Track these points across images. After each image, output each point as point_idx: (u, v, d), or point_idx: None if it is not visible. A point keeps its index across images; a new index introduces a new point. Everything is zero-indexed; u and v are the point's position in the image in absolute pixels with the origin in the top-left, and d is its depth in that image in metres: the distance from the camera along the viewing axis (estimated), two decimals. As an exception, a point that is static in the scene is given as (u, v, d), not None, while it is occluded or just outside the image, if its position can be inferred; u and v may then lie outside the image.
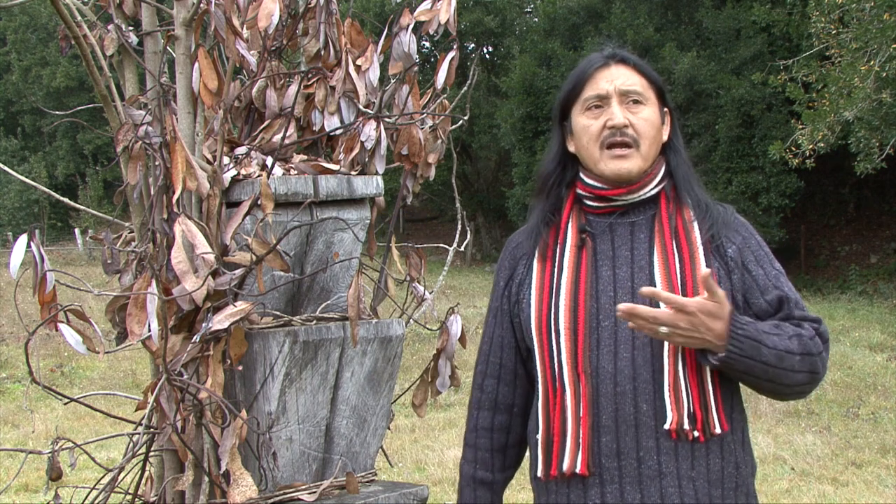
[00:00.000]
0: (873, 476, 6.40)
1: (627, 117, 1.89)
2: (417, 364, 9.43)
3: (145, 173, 2.16)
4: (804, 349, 1.79)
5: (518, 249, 2.04)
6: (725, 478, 1.83)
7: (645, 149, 1.89)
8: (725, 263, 1.87)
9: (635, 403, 1.80)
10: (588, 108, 1.92)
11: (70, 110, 2.66)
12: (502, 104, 23.07)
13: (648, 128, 1.90)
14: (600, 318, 1.85)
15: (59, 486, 2.15)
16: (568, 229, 1.94)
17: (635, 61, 1.95)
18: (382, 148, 2.28)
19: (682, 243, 1.86)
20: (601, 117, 1.90)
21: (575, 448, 1.83)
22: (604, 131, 1.89)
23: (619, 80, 1.91)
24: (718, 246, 1.88)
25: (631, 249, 1.89)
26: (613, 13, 21.26)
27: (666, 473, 1.80)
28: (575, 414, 1.83)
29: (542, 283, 1.92)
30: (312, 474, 2.17)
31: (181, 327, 2.06)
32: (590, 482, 1.83)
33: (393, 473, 6.38)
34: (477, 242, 26.86)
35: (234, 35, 2.09)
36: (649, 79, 1.94)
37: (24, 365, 8.86)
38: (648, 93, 1.93)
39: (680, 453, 1.80)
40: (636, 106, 1.90)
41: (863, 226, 21.84)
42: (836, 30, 14.69)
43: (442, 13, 2.39)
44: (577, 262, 1.90)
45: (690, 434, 1.79)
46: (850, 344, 11.52)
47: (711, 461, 1.82)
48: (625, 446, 1.81)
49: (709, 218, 1.90)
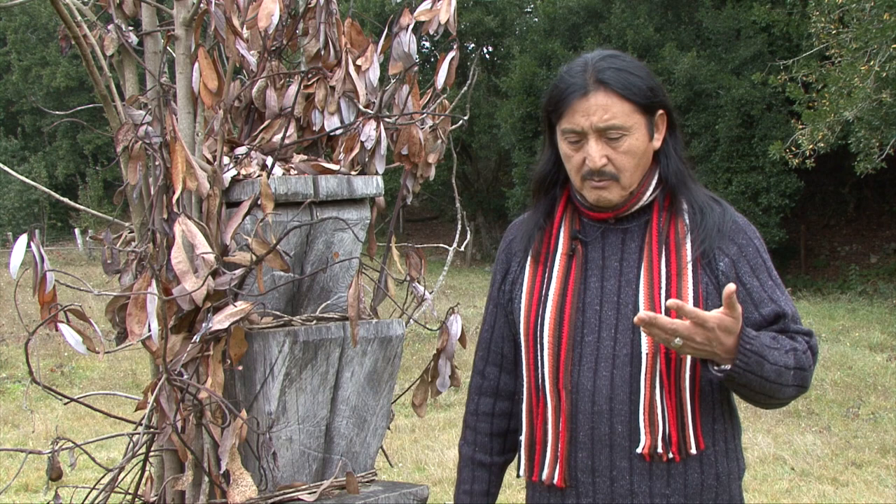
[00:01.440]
0: (873, 476, 6.40)
1: (606, 155, 1.81)
2: (417, 364, 9.43)
3: (145, 173, 2.16)
4: (798, 364, 1.79)
5: (514, 244, 2.03)
6: (705, 490, 1.83)
7: (626, 179, 1.84)
8: (716, 278, 1.83)
9: (611, 423, 1.81)
10: (567, 140, 1.85)
11: (70, 110, 2.66)
12: (502, 104, 23.07)
13: (629, 160, 1.82)
14: (585, 333, 1.85)
15: (59, 486, 2.15)
16: (560, 234, 1.93)
17: (617, 85, 1.80)
18: (382, 148, 2.28)
19: (672, 259, 1.83)
20: (580, 152, 1.83)
21: (553, 461, 1.87)
22: (583, 167, 1.83)
23: (595, 116, 1.79)
24: (711, 259, 1.83)
25: (620, 260, 1.87)
26: (613, 13, 21.26)
27: (638, 493, 1.81)
28: (554, 427, 1.86)
29: (532, 289, 1.93)
30: (312, 474, 2.17)
31: (181, 327, 2.06)
32: (567, 493, 1.87)
33: (393, 473, 6.38)
34: (477, 242, 26.87)
35: (234, 35, 2.09)
36: (633, 101, 1.81)
37: (24, 365, 8.86)
38: (631, 119, 1.81)
39: (654, 473, 1.81)
40: (616, 141, 1.81)
41: (863, 226, 21.84)
42: (836, 30, 14.69)
43: (442, 13, 2.39)
44: (566, 271, 1.89)
45: (665, 456, 1.80)
46: (850, 344, 11.52)
47: (689, 477, 1.82)
48: (599, 464, 1.83)
49: (703, 229, 1.84)
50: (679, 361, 1.80)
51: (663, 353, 1.79)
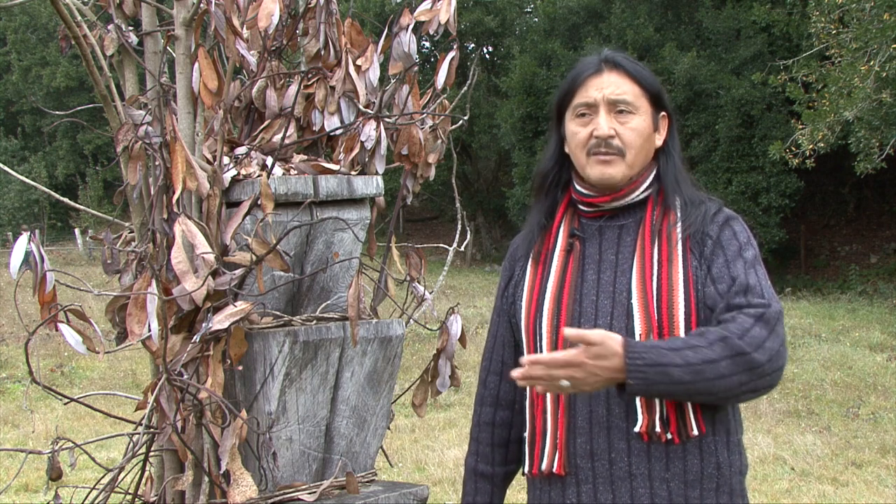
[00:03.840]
0: (873, 476, 6.40)
1: (614, 127, 1.89)
2: (417, 364, 9.43)
3: (145, 173, 2.16)
4: (732, 351, 1.72)
5: (517, 251, 2.07)
6: (705, 478, 1.83)
7: (630, 158, 1.90)
8: (704, 259, 1.86)
9: (608, 406, 1.83)
10: (578, 114, 1.93)
11: (70, 110, 2.66)
12: (502, 104, 23.06)
13: (635, 137, 1.90)
14: (582, 322, 1.88)
15: (59, 486, 2.15)
16: (559, 233, 1.98)
17: (629, 67, 1.93)
18: (382, 148, 2.28)
19: (663, 246, 1.87)
20: (588, 125, 1.91)
21: (553, 449, 1.89)
22: (590, 140, 1.90)
23: (608, 89, 1.90)
24: (698, 243, 1.87)
25: (616, 253, 1.91)
26: (613, 13, 21.26)
27: (636, 475, 1.82)
28: (553, 415, 1.88)
29: (533, 286, 1.96)
30: (312, 474, 2.17)
31: (181, 327, 2.06)
32: (567, 481, 1.88)
33: (393, 473, 6.37)
34: (477, 242, 26.86)
35: (234, 35, 2.09)
36: (643, 85, 1.92)
37: (24, 365, 8.86)
38: (640, 101, 1.91)
39: (653, 455, 1.82)
40: (624, 115, 1.90)
41: (863, 226, 21.84)
42: (836, 30, 14.69)
43: (442, 13, 2.39)
44: (563, 265, 1.94)
45: (663, 436, 1.81)
46: (850, 344, 11.51)
47: (689, 462, 1.83)
48: (597, 447, 1.84)
49: (690, 217, 1.89)
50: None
51: (656, 332, 1.81)
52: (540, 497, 1.95)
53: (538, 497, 1.95)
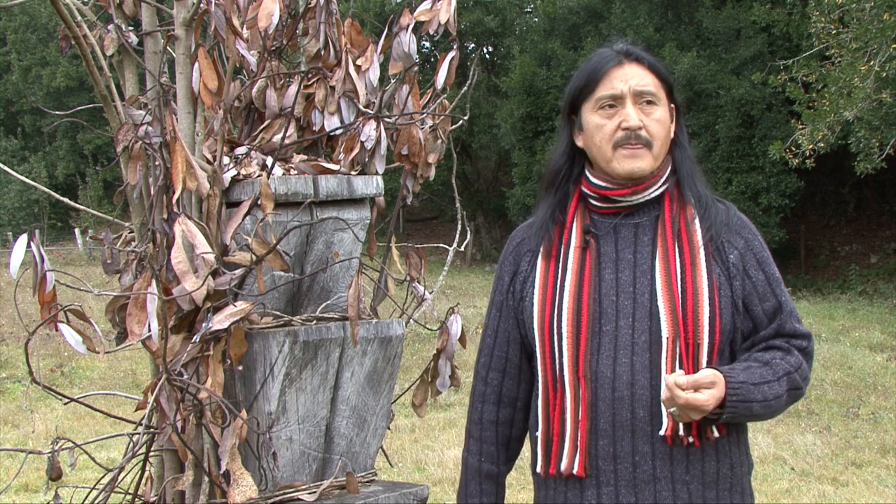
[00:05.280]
0: (873, 476, 6.40)
1: (641, 119, 1.89)
2: (417, 364, 9.43)
3: (145, 173, 2.16)
4: (792, 385, 1.88)
5: (522, 245, 2.04)
6: (720, 479, 1.86)
7: (657, 149, 1.91)
8: (727, 269, 1.88)
9: (632, 409, 1.83)
10: (601, 106, 1.92)
11: (70, 110, 2.66)
12: (502, 104, 23.07)
13: (660, 128, 1.91)
14: (602, 322, 1.87)
15: (59, 486, 2.15)
16: (573, 229, 1.95)
17: (649, 60, 1.94)
18: (382, 148, 2.28)
19: (685, 246, 1.88)
20: (615, 118, 1.90)
21: (573, 450, 1.87)
22: (617, 132, 1.89)
23: (633, 81, 1.90)
24: (720, 250, 1.89)
25: (634, 252, 1.90)
26: (613, 13, 21.25)
27: (660, 478, 1.83)
28: (574, 417, 1.87)
29: (546, 283, 1.94)
30: (312, 474, 2.17)
31: (181, 327, 2.06)
32: (587, 483, 1.87)
33: (393, 473, 6.37)
34: (477, 242, 26.86)
35: (234, 35, 2.09)
36: (660, 77, 1.94)
37: (24, 365, 8.87)
38: (660, 92, 1.93)
39: (675, 457, 1.83)
40: (649, 107, 1.91)
41: (863, 226, 21.84)
42: (836, 30, 14.69)
43: (442, 13, 2.39)
44: (580, 264, 1.91)
45: (686, 439, 1.83)
46: (850, 344, 11.51)
47: (707, 464, 1.85)
48: (621, 450, 1.84)
49: (708, 217, 1.91)
50: (697, 346, 1.83)
51: (682, 337, 1.83)
52: (554, 497, 1.93)
53: (551, 497, 1.93)
